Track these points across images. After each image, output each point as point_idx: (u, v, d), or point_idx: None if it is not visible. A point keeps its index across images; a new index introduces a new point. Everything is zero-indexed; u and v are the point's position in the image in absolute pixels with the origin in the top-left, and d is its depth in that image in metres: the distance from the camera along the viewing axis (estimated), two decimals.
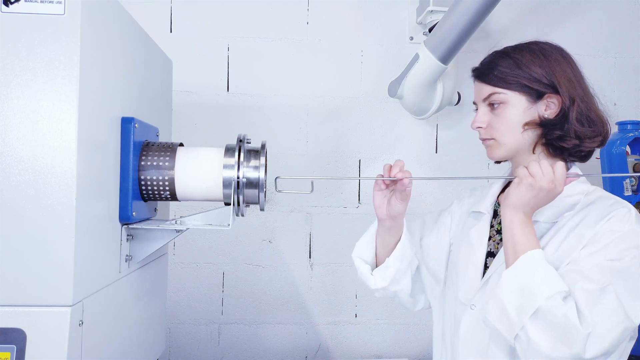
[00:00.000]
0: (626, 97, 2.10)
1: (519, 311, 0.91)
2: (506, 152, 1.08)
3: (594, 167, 1.93)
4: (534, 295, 0.90)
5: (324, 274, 2.01)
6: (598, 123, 1.06)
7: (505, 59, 1.07)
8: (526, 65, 1.05)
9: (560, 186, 0.95)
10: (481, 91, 1.09)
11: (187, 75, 1.93)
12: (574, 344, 0.87)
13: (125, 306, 1.07)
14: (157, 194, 1.07)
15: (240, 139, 1.10)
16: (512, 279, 0.94)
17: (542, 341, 0.89)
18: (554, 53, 1.08)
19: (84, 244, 0.84)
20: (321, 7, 2.01)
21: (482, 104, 1.10)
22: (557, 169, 0.95)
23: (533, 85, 1.04)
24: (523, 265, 0.94)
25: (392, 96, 1.81)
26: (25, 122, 0.81)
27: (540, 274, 0.92)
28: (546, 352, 0.88)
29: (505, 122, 1.06)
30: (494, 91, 1.06)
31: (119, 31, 1.00)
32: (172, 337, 1.97)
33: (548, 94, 1.04)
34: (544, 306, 0.88)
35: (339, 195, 2.02)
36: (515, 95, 1.05)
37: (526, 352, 0.91)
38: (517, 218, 0.97)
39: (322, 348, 2.02)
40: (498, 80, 1.06)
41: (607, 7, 2.11)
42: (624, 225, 0.95)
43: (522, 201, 0.96)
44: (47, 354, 0.79)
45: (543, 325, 0.89)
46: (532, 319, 0.89)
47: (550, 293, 0.89)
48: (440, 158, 2.04)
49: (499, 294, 0.94)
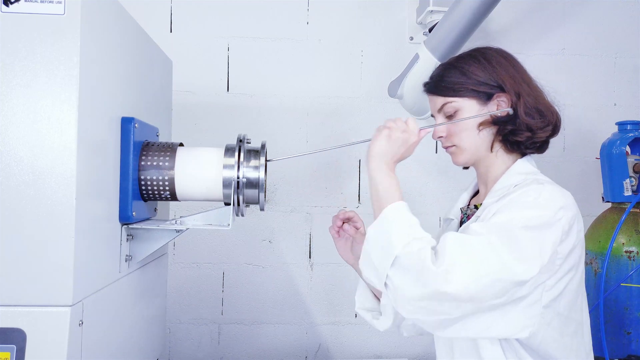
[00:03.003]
0: (626, 97, 2.10)
1: (382, 261, 0.93)
2: (468, 155, 1.12)
3: (594, 167, 1.93)
4: (392, 245, 0.93)
5: (324, 274, 2.01)
6: (547, 114, 1.09)
7: (450, 70, 1.12)
8: (470, 71, 1.10)
9: (414, 136, 1.06)
10: (435, 103, 1.14)
11: (187, 75, 1.93)
12: (428, 283, 0.88)
13: (125, 306, 1.07)
14: (157, 194, 1.07)
15: (240, 139, 1.11)
16: (375, 232, 0.97)
17: (404, 285, 0.91)
18: (495, 56, 1.12)
19: (83, 244, 0.84)
20: (321, 7, 2.01)
21: (439, 115, 1.14)
22: (409, 121, 1.07)
23: (480, 88, 1.09)
24: (386, 218, 0.97)
25: (392, 96, 1.81)
26: (25, 122, 0.81)
27: (399, 224, 0.96)
28: (409, 294, 0.90)
29: (462, 127, 1.10)
30: (445, 101, 1.11)
31: (119, 31, 1.00)
32: (172, 337, 1.97)
33: (497, 94, 1.08)
34: (400, 253, 0.91)
35: (339, 195, 2.02)
36: (466, 100, 1.09)
37: (396, 300, 0.94)
38: (379, 167, 1.03)
39: (322, 348, 2.02)
40: (447, 90, 1.11)
41: (607, 7, 2.10)
42: (528, 197, 0.98)
43: (381, 149, 1.04)
44: (47, 354, 0.79)
45: (401, 271, 0.91)
46: (392, 267, 0.92)
47: (407, 240, 0.92)
48: (440, 158, 2.04)
49: (366, 247, 0.98)
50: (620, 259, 1.69)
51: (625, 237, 1.69)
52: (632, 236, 1.69)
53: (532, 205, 0.96)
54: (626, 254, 1.68)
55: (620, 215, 1.68)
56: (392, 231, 0.95)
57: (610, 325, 1.69)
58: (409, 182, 2.03)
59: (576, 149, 2.07)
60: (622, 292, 1.68)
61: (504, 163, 1.11)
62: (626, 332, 1.68)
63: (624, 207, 1.70)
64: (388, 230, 0.95)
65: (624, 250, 1.68)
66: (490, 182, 1.13)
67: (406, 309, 0.92)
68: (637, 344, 1.68)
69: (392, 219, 0.97)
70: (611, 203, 1.79)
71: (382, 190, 1.01)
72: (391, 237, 0.94)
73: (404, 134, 1.05)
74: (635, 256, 1.67)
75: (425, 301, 0.89)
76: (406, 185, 2.03)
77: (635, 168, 1.76)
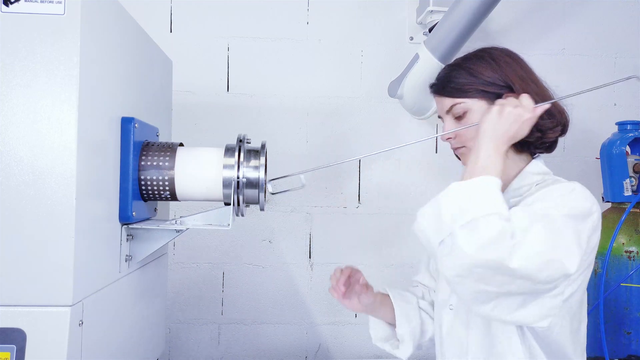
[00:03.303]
0: (626, 97, 2.10)
1: (454, 217, 0.89)
2: None
3: (594, 167, 1.93)
4: (473, 208, 0.88)
5: (324, 274, 2.01)
6: (556, 113, 1.09)
7: (458, 71, 1.11)
8: (479, 72, 1.09)
9: (528, 112, 0.98)
10: (443, 105, 1.13)
11: (187, 75, 1.93)
12: (496, 252, 0.85)
13: (125, 306, 1.07)
14: (157, 194, 1.07)
15: (240, 139, 1.10)
16: (458, 190, 0.93)
17: (468, 247, 0.86)
18: (502, 55, 1.12)
19: (83, 244, 0.84)
20: (321, 7, 2.01)
21: (447, 116, 1.13)
22: (523, 97, 1.00)
23: (489, 89, 1.08)
24: (475, 183, 0.93)
25: (392, 96, 1.81)
26: (25, 122, 0.81)
27: (490, 194, 0.91)
28: (469, 257, 0.85)
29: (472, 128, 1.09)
30: (454, 102, 1.10)
31: (119, 31, 1.00)
32: (172, 337, 1.97)
33: (505, 94, 1.07)
34: (481, 217, 0.87)
35: (339, 195, 2.02)
36: (475, 101, 1.08)
37: (448, 259, 0.89)
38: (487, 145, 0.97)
39: (322, 348, 2.02)
40: (455, 91, 1.10)
41: (607, 7, 2.10)
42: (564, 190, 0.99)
43: (490, 126, 0.98)
44: (47, 354, 0.79)
45: (472, 233, 0.86)
46: (463, 226, 0.87)
47: (490, 211, 0.87)
48: (440, 158, 2.04)
49: (440, 198, 0.94)
50: (620, 259, 1.69)
51: (625, 237, 1.69)
52: (632, 236, 1.69)
53: (573, 198, 0.97)
54: (626, 254, 1.68)
55: (620, 215, 1.68)
56: (479, 196, 0.91)
57: (610, 325, 1.69)
58: (409, 182, 2.03)
59: (576, 149, 2.07)
60: (622, 292, 1.68)
61: (515, 163, 1.10)
62: (626, 332, 1.68)
63: (624, 207, 1.70)
64: (474, 194, 0.91)
65: (624, 250, 1.69)
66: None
67: (456, 271, 0.88)
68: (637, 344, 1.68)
69: (484, 187, 0.92)
70: (611, 203, 1.80)
71: (481, 165, 0.95)
72: (476, 201, 0.90)
73: (516, 109, 0.97)
74: (635, 256, 1.67)
75: (482, 268, 0.86)
76: (406, 185, 2.03)
77: (635, 168, 1.76)
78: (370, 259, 2.01)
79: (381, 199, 2.02)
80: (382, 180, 2.02)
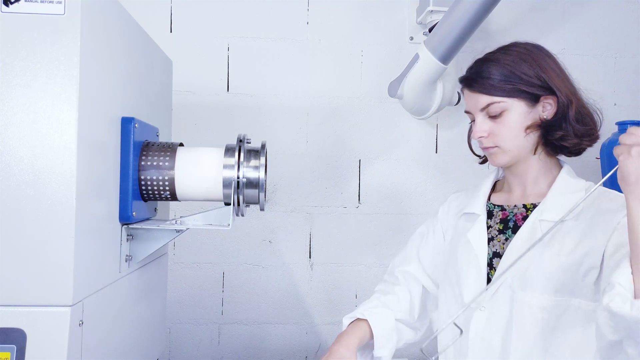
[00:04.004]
0: (626, 97, 2.10)
1: None
2: (510, 157, 1.09)
3: (593, 167, 1.93)
4: None
5: (324, 274, 2.01)
6: (590, 119, 1.08)
7: (495, 66, 1.06)
8: (522, 71, 1.04)
9: None
10: (477, 101, 1.08)
11: (187, 75, 1.93)
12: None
13: (125, 306, 1.07)
14: (157, 194, 1.06)
15: (240, 139, 1.10)
16: None
17: None
18: (539, 53, 1.08)
19: (84, 244, 0.84)
20: (321, 7, 2.01)
21: (480, 114, 1.08)
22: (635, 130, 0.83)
23: (530, 90, 1.04)
24: None
25: (392, 96, 1.81)
26: (25, 122, 0.81)
27: None
28: None
29: (509, 129, 1.05)
30: (492, 101, 1.05)
31: (119, 31, 1.00)
32: (172, 337, 1.97)
33: (544, 96, 1.05)
34: None
35: (339, 195, 2.02)
36: (514, 101, 1.05)
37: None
38: None
39: (322, 348, 2.02)
40: (494, 89, 1.05)
41: (607, 7, 2.10)
42: None
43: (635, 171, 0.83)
44: (47, 354, 0.79)
45: None
46: None
47: None
48: (440, 158, 2.04)
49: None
50: None
51: None
52: None
53: None
54: None
55: None
56: None
57: None
58: (409, 182, 2.03)
59: None
60: None
61: (545, 165, 1.10)
62: None
63: None
64: None
65: None
66: (529, 183, 1.12)
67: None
68: None
69: None
70: None
71: None
72: None
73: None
74: None
75: None
76: (406, 185, 2.03)
77: None
78: (370, 259, 2.01)
79: (381, 199, 2.02)
80: (382, 181, 2.02)
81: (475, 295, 1.09)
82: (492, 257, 1.11)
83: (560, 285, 1.00)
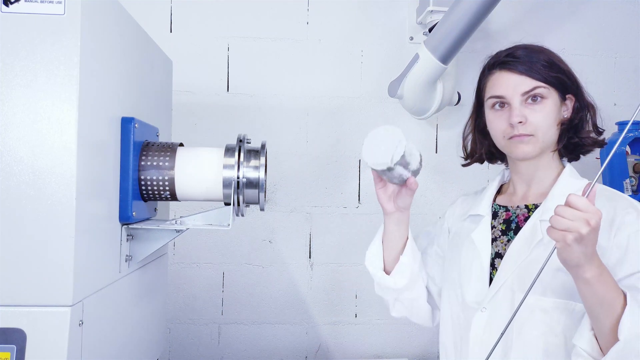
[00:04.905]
0: (626, 97, 2.10)
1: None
2: (540, 148, 1.06)
3: (593, 167, 1.92)
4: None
5: (324, 274, 2.01)
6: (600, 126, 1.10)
7: (541, 54, 1.06)
8: (561, 62, 1.05)
9: (595, 214, 0.83)
10: (522, 84, 1.04)
11: (187, 75, 1.93)
12: None
13: (125, 306, 1.07)
14: (157, 194, 1.06)
15: (240, 139, 1.10)
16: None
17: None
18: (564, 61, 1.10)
19: (83, 244, 0.84)
20: (321, 7, 2.01)
21: (518, 97, 1.04)
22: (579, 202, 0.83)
23: (567, 84, 1.05)
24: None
25: (392, 96, 1.81)
26: (25, 122, 0.81)
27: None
28: None
29: (547, 118, 1.03)
30: (538, 85, 1.03)
31: (119, 31, 1.00)
32: (172, 337, 1.97)
33: (568, 95, 1.05)
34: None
35: (339, 195, 2.02)
36: (552, 92, 1.04)
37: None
38: (588, 275, 0.87)
39: (322, 348, 2.02)
40: (542, 73, 1.03)
41: (607, 7, 2.11)
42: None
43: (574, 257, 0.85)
44: (47, 354, 0.79)
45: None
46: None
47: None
48: (440, 158, 2.04)
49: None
50: None
51: None
52: None
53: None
54: None
55: None
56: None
57: None
58: None
59: None
60: None
61: (554, 165, 1.10)
62: None
63: None
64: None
65: None
66: (535, 182, 1.11)
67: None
68: None
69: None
70: None
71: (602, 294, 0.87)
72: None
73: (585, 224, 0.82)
74: None
75: None
76: None
77: (635, 168, 1.76)
78: None
79: None
80: None
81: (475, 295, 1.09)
82: (495, 257, 1.11)
83: (560, 288, 1.00)
